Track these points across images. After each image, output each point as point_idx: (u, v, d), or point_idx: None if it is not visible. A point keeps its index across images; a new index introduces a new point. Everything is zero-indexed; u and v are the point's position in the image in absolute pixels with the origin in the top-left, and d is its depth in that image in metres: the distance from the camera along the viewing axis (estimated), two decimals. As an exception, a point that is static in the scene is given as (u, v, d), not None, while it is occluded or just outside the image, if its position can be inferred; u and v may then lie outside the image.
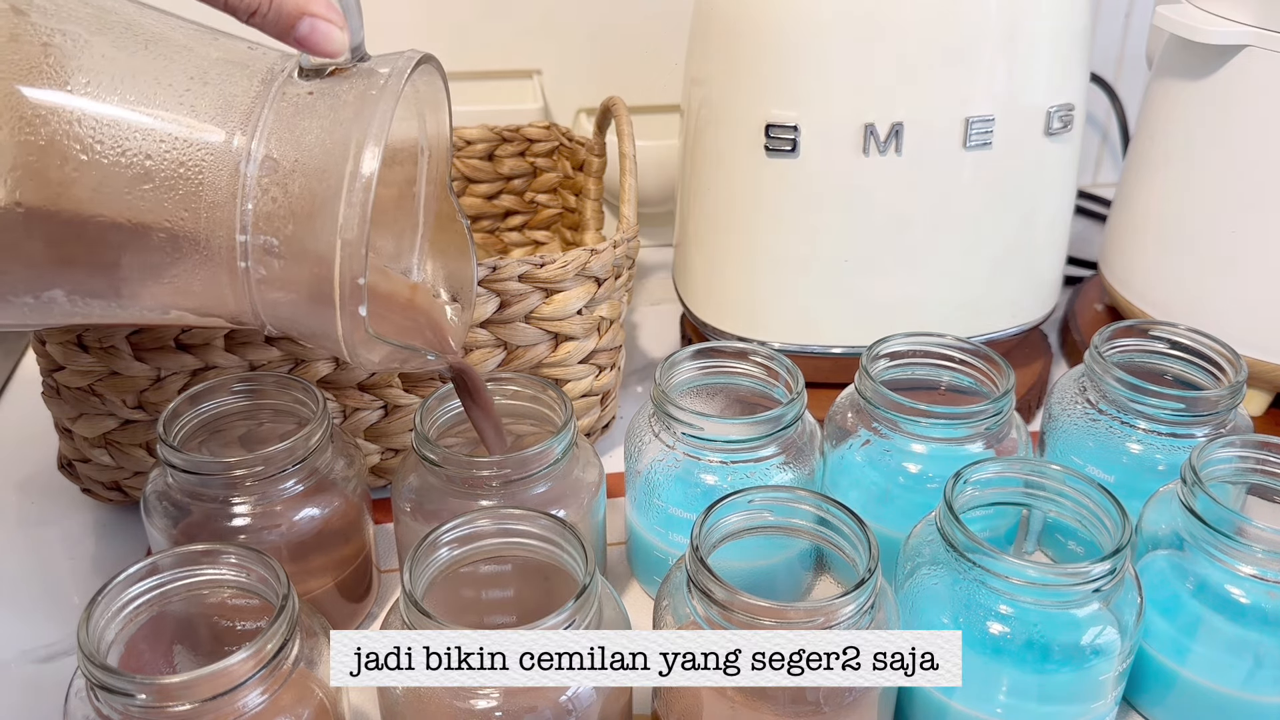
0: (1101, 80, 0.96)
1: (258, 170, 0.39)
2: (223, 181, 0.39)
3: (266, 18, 0.39)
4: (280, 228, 0.39)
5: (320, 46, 0.40)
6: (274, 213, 0.39)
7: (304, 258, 0.39)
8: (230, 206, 0.39)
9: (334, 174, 0.38)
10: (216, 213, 0.39)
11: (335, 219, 0.38)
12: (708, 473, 0.51)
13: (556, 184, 0.79)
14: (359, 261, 0.38)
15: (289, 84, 0.40)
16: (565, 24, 0.86)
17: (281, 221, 0.39)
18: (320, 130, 0.39)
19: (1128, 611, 0.43)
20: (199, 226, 0.39)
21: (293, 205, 0.39)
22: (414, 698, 0.40)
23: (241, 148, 0.39)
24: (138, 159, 0.38)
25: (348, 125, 0.39)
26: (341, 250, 0.38)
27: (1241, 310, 0.64)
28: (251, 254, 0.39)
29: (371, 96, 0.39)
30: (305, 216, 0.39)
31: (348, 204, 0.38)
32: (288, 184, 0.39)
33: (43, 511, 0.62)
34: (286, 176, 0.39)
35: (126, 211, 0.38)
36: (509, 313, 0.57)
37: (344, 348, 0.41)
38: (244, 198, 0.39)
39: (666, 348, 0.78)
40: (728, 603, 0.40)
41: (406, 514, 0.51)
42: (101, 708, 0.37)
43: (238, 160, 0.39)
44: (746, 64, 0.61)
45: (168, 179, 0.38)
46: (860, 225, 0.62)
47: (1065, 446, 0.56)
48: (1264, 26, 0.60)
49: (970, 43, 0.59)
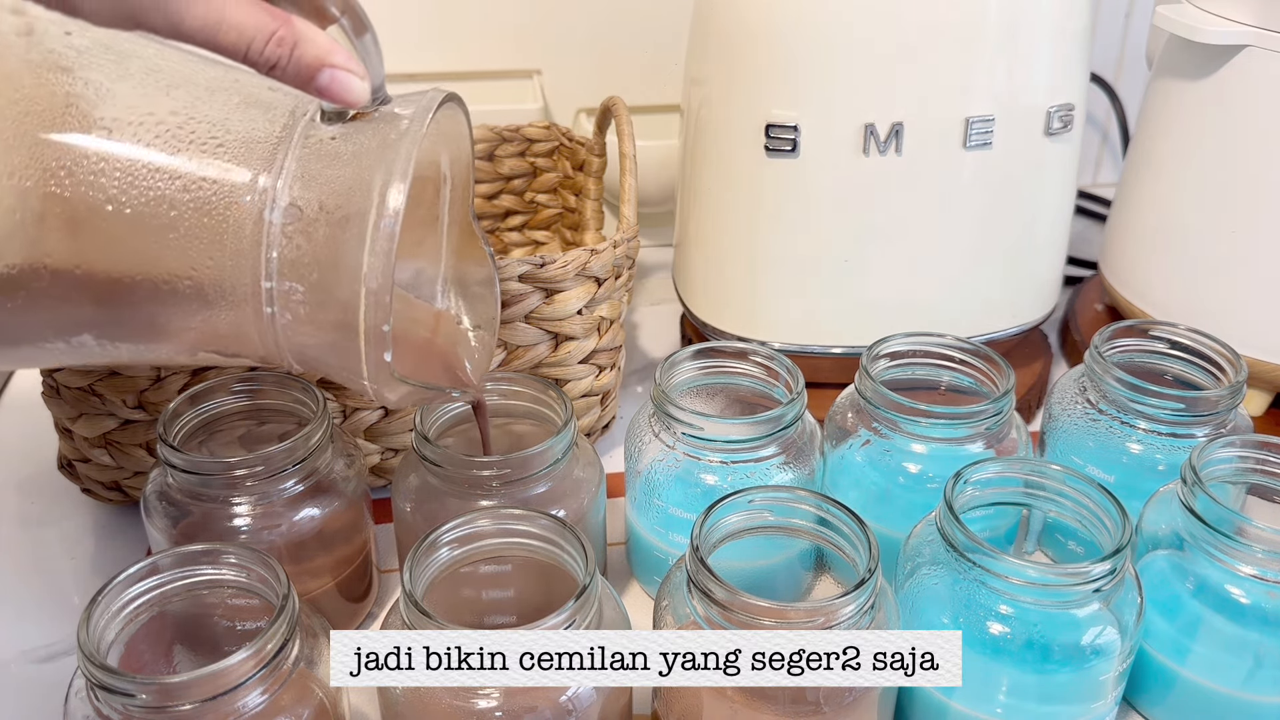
0: (1101, 80, 0.96)
1: (282, 218, 0.39)
2: (247, 229, 0.39)
3: (286, 70, 0.39)
4: (305, 275, 0.39)
5: (341, 97, 0.40)
6: (298, 260, 0.39)
7: (329, 304, 0.39)
8: (255, 254, 0.39)
9: (357, 221, 0.38)
10: (242, 260, 0.39)
11: (360, 267, 0.38)
12: (708, 473, 0.51)
13: (556, 184, 0.79)
14: (384, 310, 0.38)
15: (311, 128, 0.40)
16: (565, 24, 0.86)
17: (306, 269, 0.39)
18: (343, 176, 0.39)
19: (1128, 611, 0.43)
20: (224, 274, 0.39)
21: (317, 253, 0.39)
22: (414, 698, 0.40)
23: (266, 194, 0.39)
24: (163, 209, 0.38)
25: (370, 171, 0.39)
26: (366, 299, 0.38)
27: (1241, 310, 0.64)
28: (277, 300, 0.40)
29: (393, 141, 0.39)
30: (330, 264, 0.39)
31: (371, 253, 0.38)
32: (312, 231, 0.39)
33: (43, 511, 0.62)
34: (310, 224, 0.39)
35: (153, 260, 0.38)
36: (509, 313, 0.57)
37: (369, 389, 0.41)
38: (269, 245, 0.39)
39: (666, 348, 0.78)
40: (728, 603, 0.40)
41: (406, 514, 0.51)
42: (101, 708, 0.37)
43: (262, 207, 0.39)
44: (746, 64, 0.61)
45: (192, 228, 0.38)
46: (860, 225, 0.62)
47: (1065, 446, 0.56)
48: (1264, 26, 0.60)
49: (970, 43, 0.59)
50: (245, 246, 0.39)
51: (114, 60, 0.39)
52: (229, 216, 0.39)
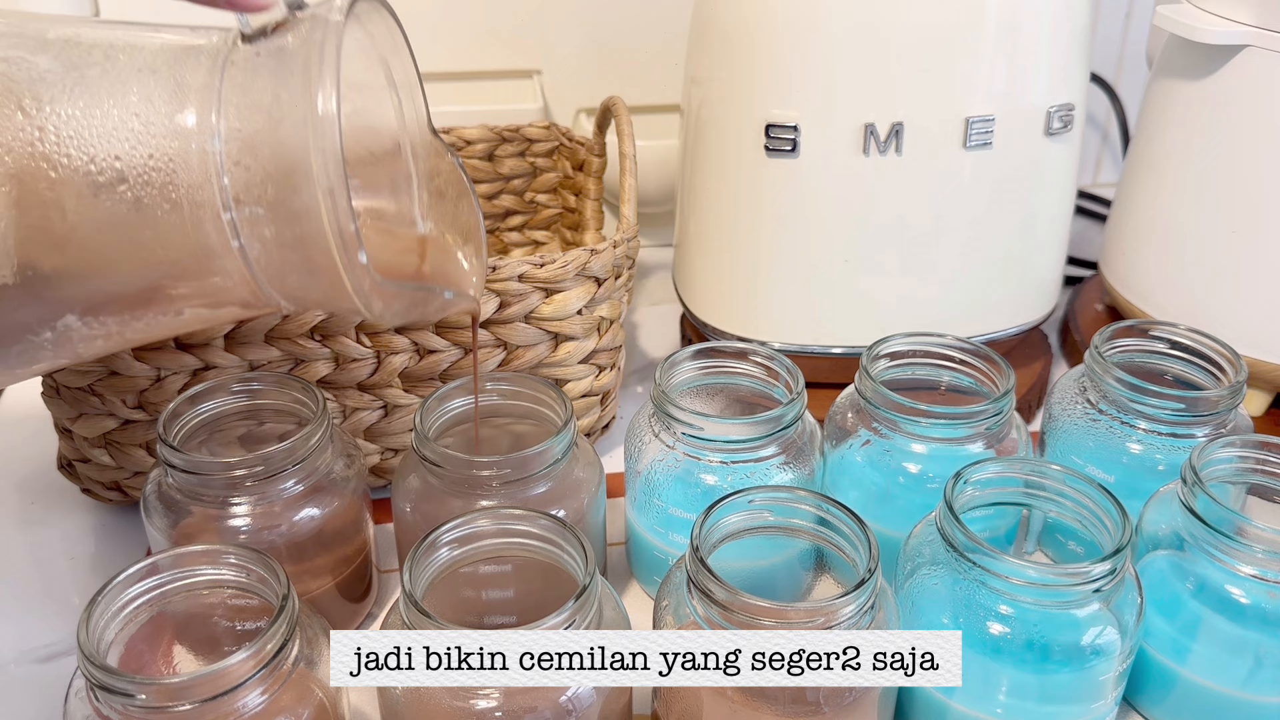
0: (1101, 80, 0.96)
1: (224, 144, 0.38)
2: (194, 163, 0.38)
3: None
4: (261, 195, 0.38)
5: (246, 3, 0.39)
6: (250, 181, 0.38)
7: (292, 219, 0.38)
8: (208, 187, 0.38)
9: (296, 125, 0.37)
10: (196, 195, 0.38)
11: (309, 168, 0.37)
12: (708, 473, 0.51)
13: (556, 184, 0.79)
14: (345, 209, 0.37)
15: (235, 53, 0.39)
16: (565, 24, 0.86)
17: (260, 189, 0.38)
18: (273, 86, 0.38)
19: (1128, 611, 0.43)
20: (184, 215, 0.38)
21: (266, 169, 0.38)
22: (414, 698, 0.40)
23: (203, 125, 0.38)
24: (108, 162, 0.38)
25: (298, 68, 0.38)
26: (325, 201, 0.37)
27: (1241, 310, 0.64)
28: (242, 230, 0.39)
29: (316, 39, 0.38)
30: (282, 177, 0.38)
31: (316, 151, 0.37)
32: (256, 150, 0.38)
33: (43, 511, 0.62)
34: (252, 142, 0.38)
35: (111, 218, 0.38)
36: (509, 313, 0.57)
37: (358, 303, 0.40)
38: (219, 174, 0.38)
39: (666, 348, 0.78)
40: (728, 603, 0.40)
41: (406, 514, 0.51)
42: (101, 708, 0.37)
43: (203, 139, 0.38)
44: (746, 64, 0.61)
45: (142, 174, 0.38)
46: (860, 225, 0.62)
47: (1065, 446, 0.56)
48: (1264, 26, 0.60)
49: (970, 43, 0.59)
50: (197, 180, 0.38)
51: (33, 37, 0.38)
52: (174, 155, 0.38)
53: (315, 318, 0.55)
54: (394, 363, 0.57)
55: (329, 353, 0.56)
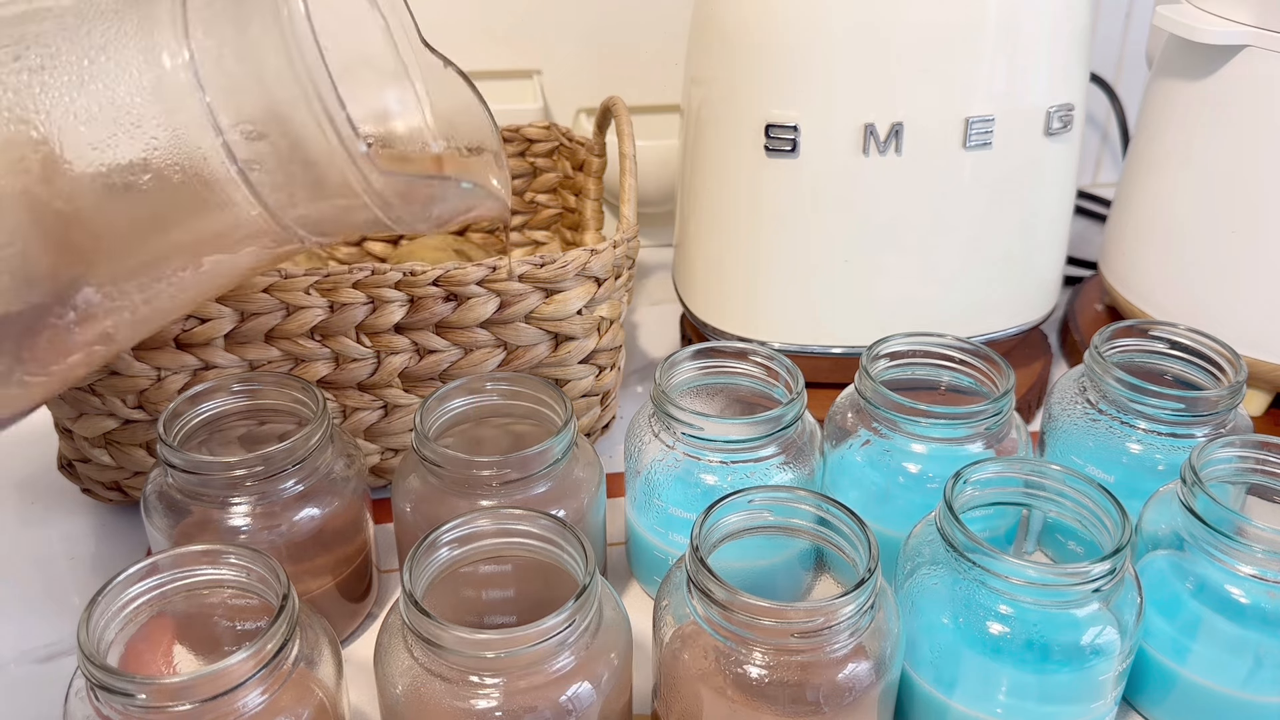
0: (1101, 80, 0.96)
1: (199, 64, 0.37)
2: (175, 92, 0.37)
3: None
4: (245, 107, 0.37)
5: None
6: (231, 90, 0.37)
7: (282, 125, 0.37)
8: (194, 109, 0.37)
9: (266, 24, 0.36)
10: (181, 116, 0.37)
11: (288, 68, 0.36)
12: (708, 473, 0.51)
13: (556, 184, 0.79)
14: (331, 99, 0.36)
15: None
16: (565, 24, 0.86)
17: (242, 99, 0.37)
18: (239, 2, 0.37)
19: (1128, 611, 0.43)
20: (179, 149, 0.37)
21: (244, 77, 0.37)
22: (414, 697, 0.40)
23: (176, 52, 0.37)
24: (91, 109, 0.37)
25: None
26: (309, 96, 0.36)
27: (1241, 310, 0.64)
28: (238, 153, 0.37)
29: None
30: (261, 83, 0.36)
31: (292, 46, 0.36)
32: (230, 61, 0.37)
33: (43, 511, 0.62)
34: (225, 51, 0.37)
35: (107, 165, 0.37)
36: (509, 313, 0.57)
37: (374, 206, 0.38)
38: (201, 95, 0.37)
39: (666, 348, 0.78)
40: (728, 603, 0.40)
41: (406, 514, 0.51)
42: (101, 708, 0.37)
43: (178, 65, 0.37)
44: (746, 64, 0.61)
45: (128, 112, 0.37)
46: (860, 225, 0.62)
47: (1065, 446, 0.56)
48: (1264, 26, 0.60)
49: (970, 43, 0.59)
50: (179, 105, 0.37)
51: None
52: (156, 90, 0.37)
53: (315, 318, 0.55)
54: (394, 363, 0.57)
55: (329, 353, 0.56)
